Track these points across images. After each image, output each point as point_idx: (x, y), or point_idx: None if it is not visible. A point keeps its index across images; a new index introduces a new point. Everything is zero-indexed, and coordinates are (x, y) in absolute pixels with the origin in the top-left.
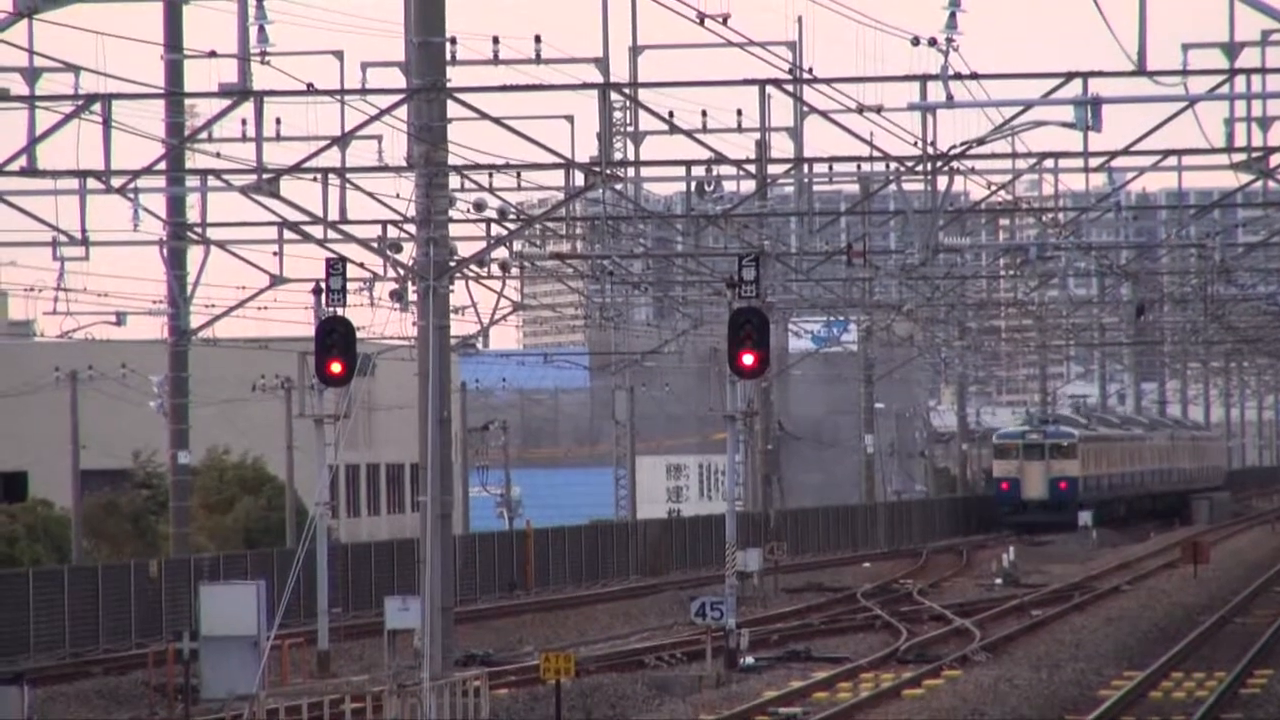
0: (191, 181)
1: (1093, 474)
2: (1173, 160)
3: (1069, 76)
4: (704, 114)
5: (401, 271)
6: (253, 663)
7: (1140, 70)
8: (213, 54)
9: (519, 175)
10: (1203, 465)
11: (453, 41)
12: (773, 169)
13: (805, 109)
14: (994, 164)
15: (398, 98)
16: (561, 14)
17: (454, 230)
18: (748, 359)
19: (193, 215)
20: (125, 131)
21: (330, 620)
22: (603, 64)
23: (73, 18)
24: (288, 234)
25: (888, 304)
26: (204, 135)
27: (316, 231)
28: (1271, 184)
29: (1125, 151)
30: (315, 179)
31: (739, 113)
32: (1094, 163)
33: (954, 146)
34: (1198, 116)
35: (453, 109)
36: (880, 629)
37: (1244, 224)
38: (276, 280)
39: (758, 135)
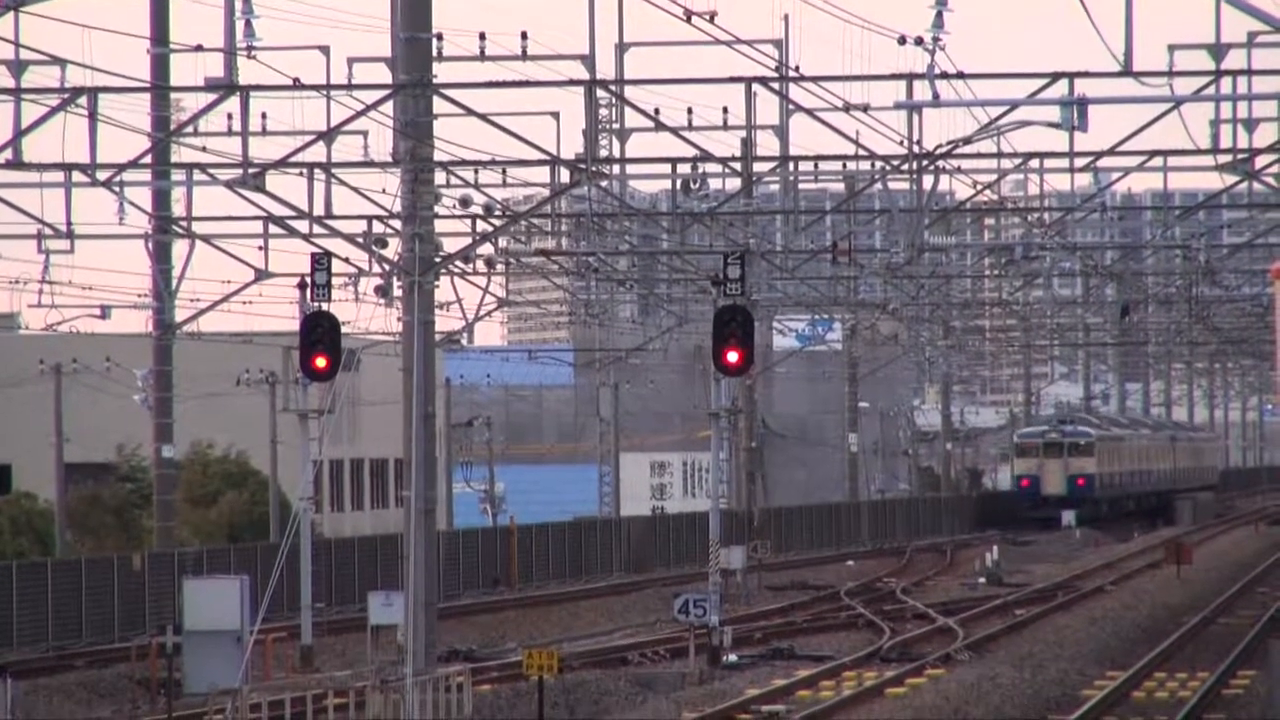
0: (177, 175)
1: (1107, 471)
2: (1158, 161)
3: (1055, 76)
4: (690, 111)
5: (387, 267)
6: (236, 657)
7: (1126, 71)
8: (199, 48)
9: (505, 171)
10: (1200, 465)
11: (439, 38)
12: (758, 167)
13: (791, 107)
14: (980, 163)
15: (384, 93)
16: (548, 11)
17: (439, 226)
18: (732, 356)
19: (178, 209)
20: (111, 125)
21: (313, 615)
22: (589, 61)
23: (59, 10)
24: (273, 228)
25: (872, 303)
26: (190, 129)
27: (302, 226)
28: (1256, 185)
29: (1111, 152)
30: (301, 174)
31: (725, 110)
32: (1080, 163)
33: (940, 146)
34: (1183, 117)
35: (439, 105)
36: (863, 627)
37: (1229, 225)
38: (261, 275)
39: (743, 133)
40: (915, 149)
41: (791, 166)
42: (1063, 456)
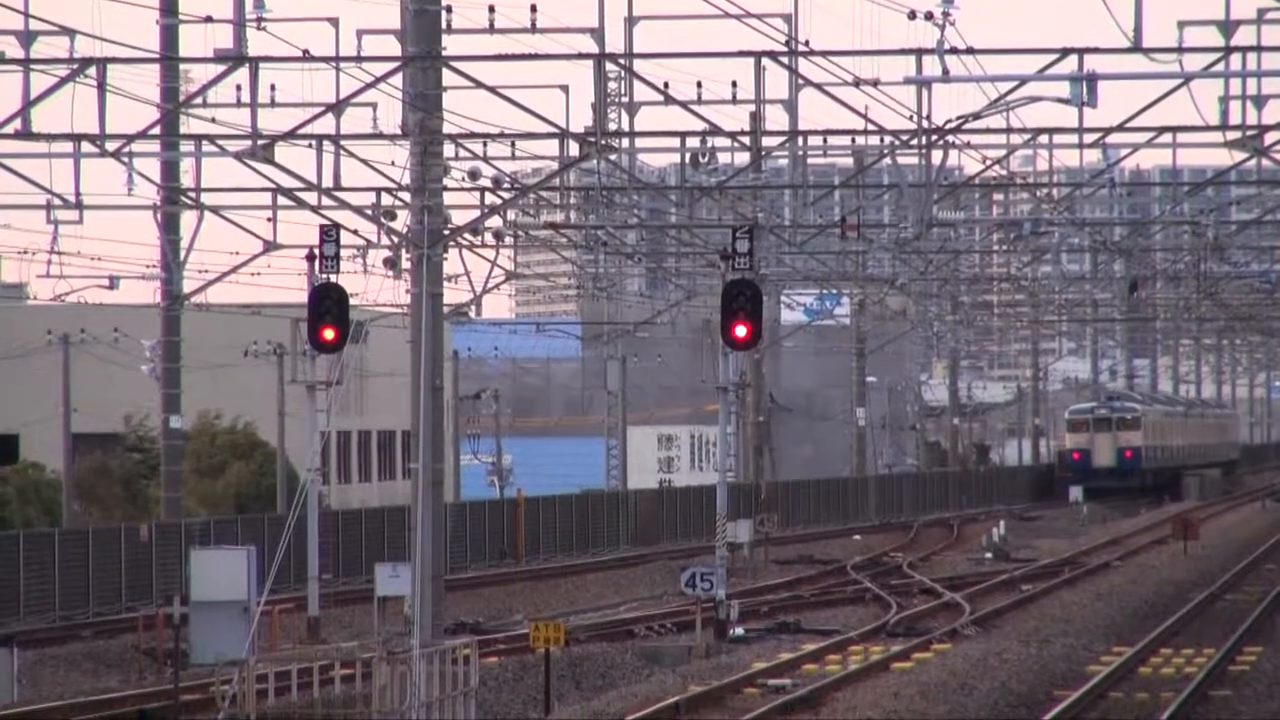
0: (186, 146)
1: (1152, 444)
2: (1167, 137)
3: (1065, 52)
4: (699, 85)
5: (395, 239)
6: (242, 628)
7: (1136, 47)
8: (208, 19)
9: (514, 144)
10: (1226, 439)
11: (448, 10)
12: (767, 141)
13: (800, 81)
14: (989, 139)
15: (393, 65)
16: None
17: (448, 198)
18: (740, 331)
19: (187, 180)
20: (120, 95)
21: (320, 586)
22: (598, 34)
23: None
24: (282, 200)
25: (881, 278)
26: (199, 100)
27: (311, 198)
28: (1265, 162)
29: (1120, 128)
30: (310, 145)
31: (734, 84)
32: (1089, 139)
33: (949, 121)
34: (1193, 94)
35: (448, 77)
36: (870, 602)
37: (1237, 202)
38: (270, 246)
39: (752, 107)
40: (924, 124)
41: (800, 141)
42: (1111, 430)
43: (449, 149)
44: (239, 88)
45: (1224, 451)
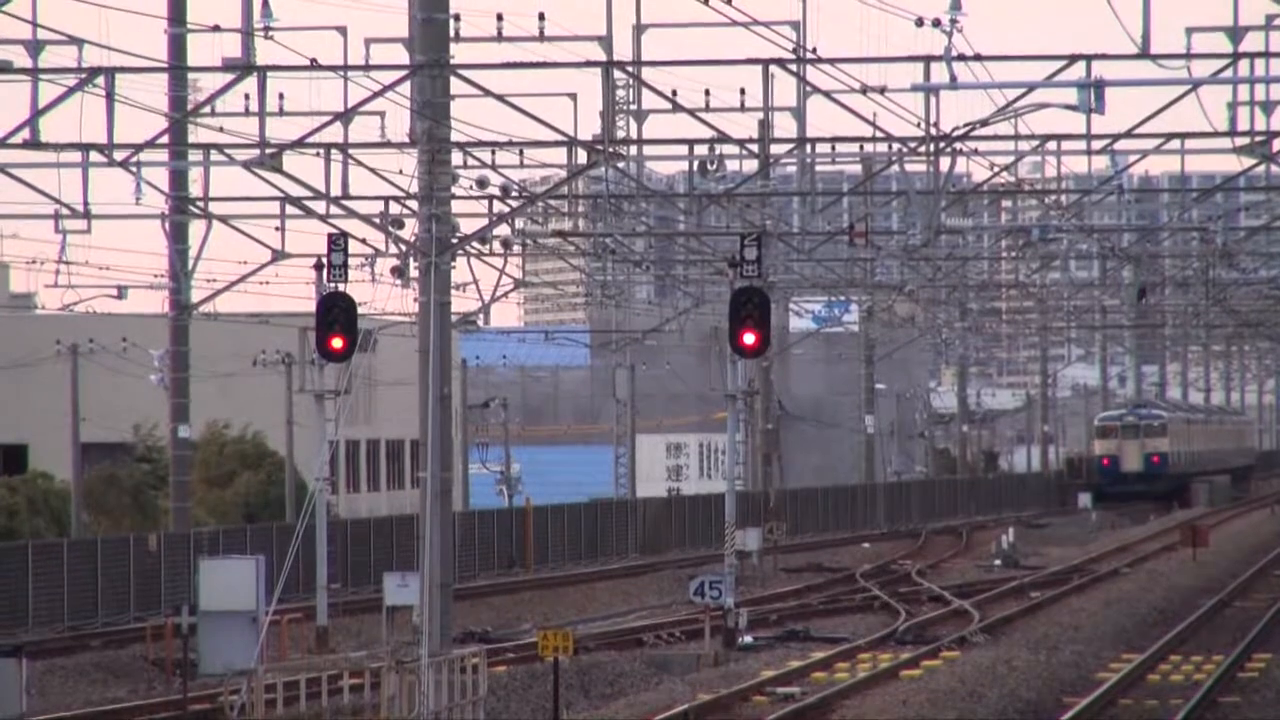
0: (194, 156)
1: (1178, 450)
2: (1175, 143)
3: (1072, 59)
4: (707, 93)
5: (403, 247)
6: (251, 638)
7: (1144, 53)
8: (216, 28)
9: (522, 152)
10: (1242, 445)
11: (456, 18)
12: (775, 149)
13: (808, 89)
14: (997, 145)
15: (401, 74)
16: None
17: (456, 207)
18: (749, 338)
19: (195, 189)
20: (128, 105)
21: (329, 596)
22: (606, 42)
23: None
24: (290, 209)
25: (889, 284)
26: (207, 110)
27: (319, 207)
28: (1274, 168)
29: (1128, 134)
30: (318, 154)
31: (742, 92)
32: (1097, 145)
33: (957, 128)
34: (1201, 100)
35: (456, 86)
36: (879, 609)
37: (1246, 208)
38: (278, 255)
39: (761, 115)
40: (932, 131)
41: (809, 148)
42: (1139, 437)
43: (457, 157)
44: (247, 97)
45: (1241, 457)
